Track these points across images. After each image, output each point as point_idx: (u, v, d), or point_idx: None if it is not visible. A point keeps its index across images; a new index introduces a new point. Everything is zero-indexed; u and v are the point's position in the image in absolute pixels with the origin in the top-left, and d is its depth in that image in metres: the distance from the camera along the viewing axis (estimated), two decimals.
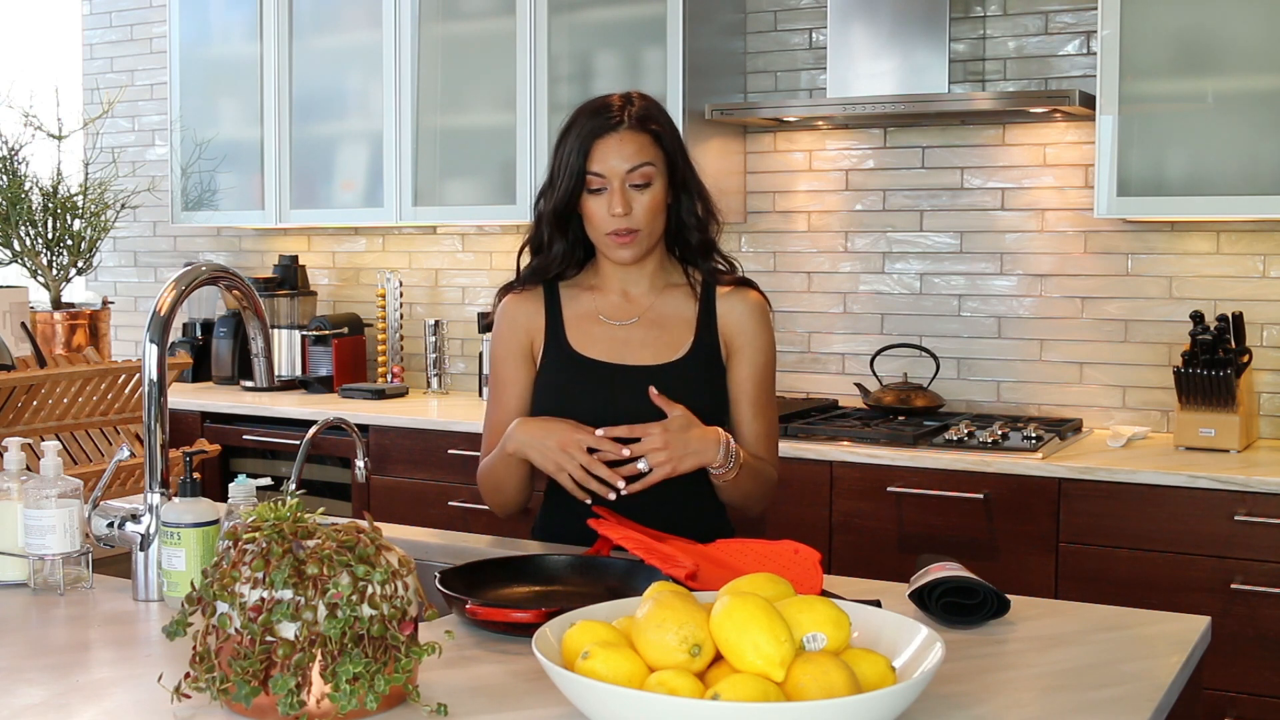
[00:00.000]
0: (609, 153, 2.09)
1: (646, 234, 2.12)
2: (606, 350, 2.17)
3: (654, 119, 2.13)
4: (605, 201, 2.09)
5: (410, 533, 2.32)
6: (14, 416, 2.38)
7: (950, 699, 1.45)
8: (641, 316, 2.19)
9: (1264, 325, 3.48)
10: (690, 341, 2.17)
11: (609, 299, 2.21)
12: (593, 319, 2.20)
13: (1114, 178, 3.31)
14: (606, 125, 2.10)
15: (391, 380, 4.53)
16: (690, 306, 2.19)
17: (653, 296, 2.20)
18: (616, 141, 2.09)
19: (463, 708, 1.43)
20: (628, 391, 2.13)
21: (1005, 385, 3.81)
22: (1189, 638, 1.70)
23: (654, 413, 2.07)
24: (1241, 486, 2.95)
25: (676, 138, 2.16)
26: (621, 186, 2.09)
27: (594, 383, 2.16)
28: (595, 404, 2.14)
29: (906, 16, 3.59)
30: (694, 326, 2.18)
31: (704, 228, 2.19)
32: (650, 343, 2.17)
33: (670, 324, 2.19)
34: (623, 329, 2.19)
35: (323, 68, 4.47)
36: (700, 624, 1.33)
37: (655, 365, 2.15)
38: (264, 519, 1.43)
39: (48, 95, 3.80)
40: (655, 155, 2.11)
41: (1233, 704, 2.98)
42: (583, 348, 2.18)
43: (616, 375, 2.15)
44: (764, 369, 2.20)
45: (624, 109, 2.12)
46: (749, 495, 2.17)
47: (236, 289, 2.03)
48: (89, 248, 3.09)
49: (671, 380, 2.13)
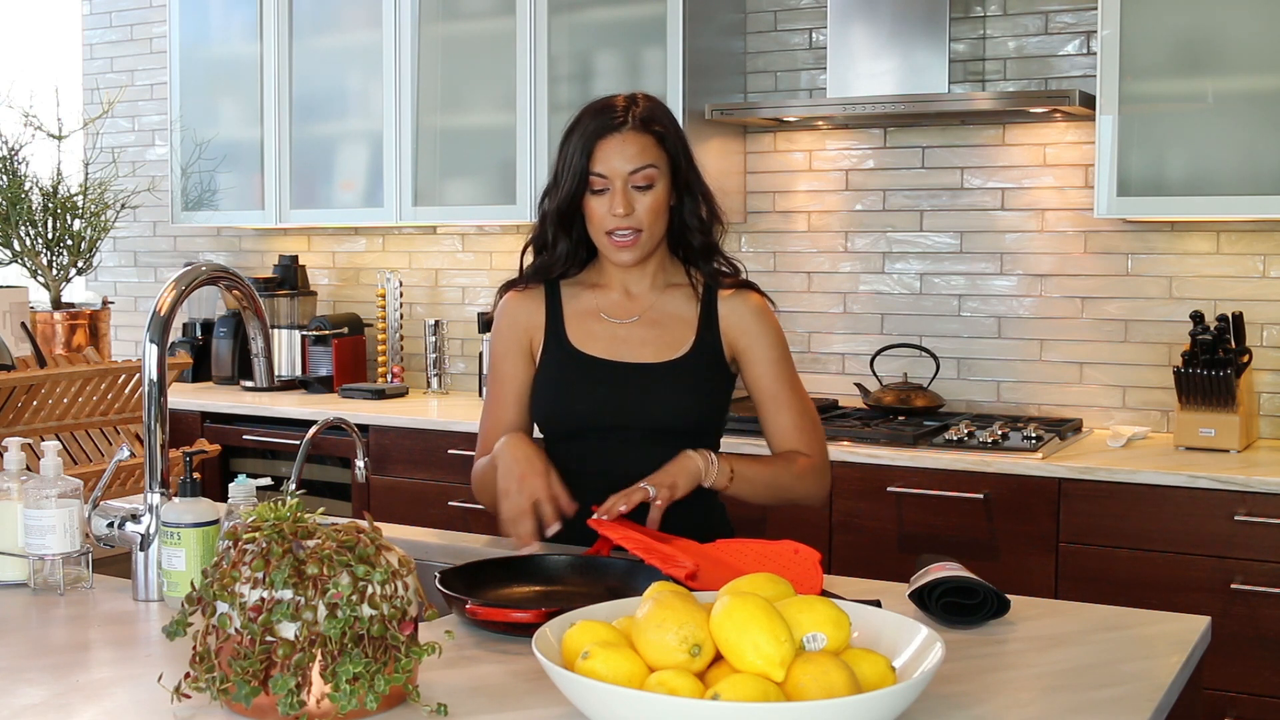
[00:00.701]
0: (611, 153, 2.09)
1: (648, 235, 2.12)
2: (607, 348, 2.18)
3: (658, 120, 2.13)
4: (607, 202, 2.10)
5: (410, 533, 2.32)
6: (14, 416, 2.38)
7: (950, 699, 1.45)
8: (643, 315, 2.19)
9: (1264, 325, 3.48)
10: (691, 341, 2.17)
11: (610, 297, 2.21)
12: (593, 316, 2.20)
13: (1114, 178, 3.31)
14: (609, 125, 2.10)
15: (391, 380, 4.53)
16: (692, 307, 2.19)
17: (654, 296, 2.20)
18: (619, 142, 2.09)
19: (463, 708, 1.43)
20: (627, 388, 2.14)
21: (1005, 385, 3.81)
22: (1189, 638, 1.70)
23: (653, 407, 2.10)
24: (1241, 486, 2.95)
25: (681, 139, 2.16)
26: (624, 187, 2.09)
27: (594, 380, 2.16)
28: (595, 401, 2.15)
29: (906, 16, 3.59)
30: (695, 326, 2.18)
31: (707, 230, 2.19)
32: (651, 341, 2.18)
33: (671, 323, 2.19)
34: (623, 327, 2.19)
35: (323, 68, 4.47)
36: (700, 624, 1.33)
37: (656, 363, 2.16)
38: (264, 519, 1.43)
39: (48, 95, 3.80)
40: (658, 157, 2.11)
41: (1233, 704, 2.98)
42: (583, 345, 2.18)
43: (616, 372, 2.16)
44: (776, 364, 2.19)
45: (628, 109, 2.12)
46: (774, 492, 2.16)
47: (236, 289, 2.03)
48: (89, 248, 3.09)
49: (671, 378, 2.14)
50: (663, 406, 2.14)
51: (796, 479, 2.17)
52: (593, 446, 2.16)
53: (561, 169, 2.14)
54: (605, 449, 2.15)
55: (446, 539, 2.29)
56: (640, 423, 2.14)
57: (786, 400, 2.19)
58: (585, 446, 2.17)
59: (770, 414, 2.19)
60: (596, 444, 2.16)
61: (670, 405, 2.14)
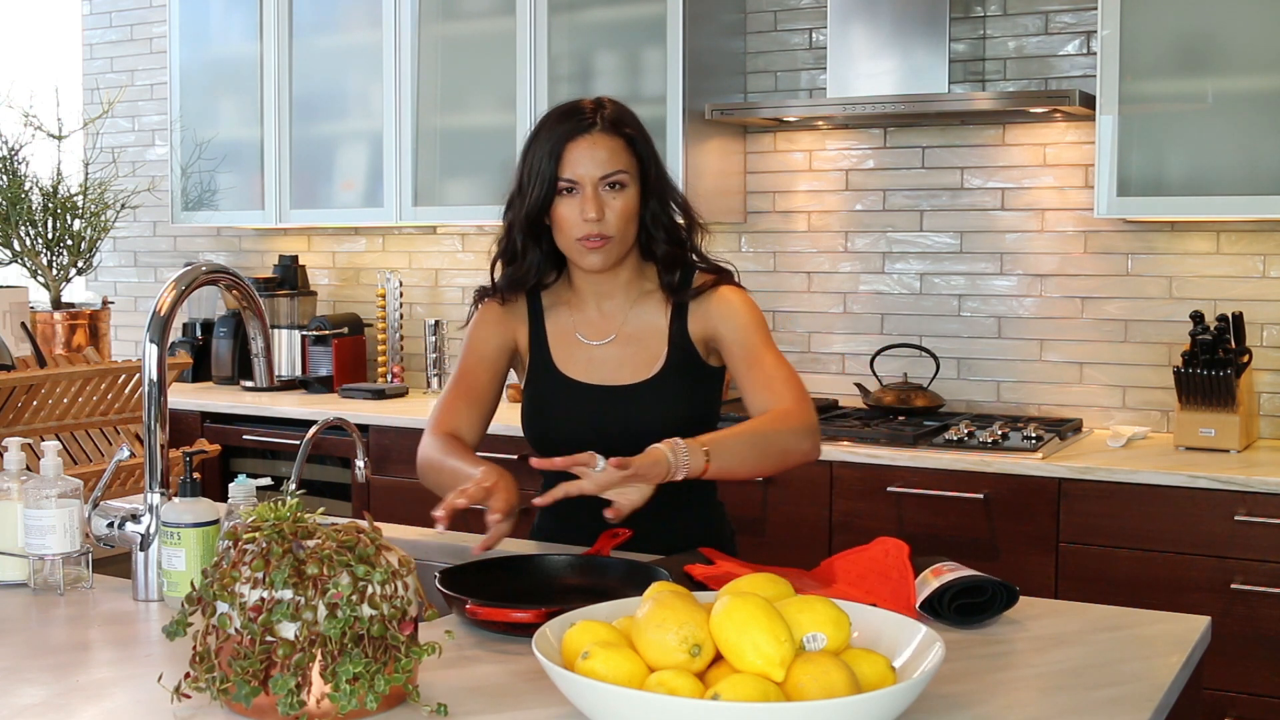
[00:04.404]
0: (581, 157, 2.05)
1: (619, 240, 2.08)
2: (585, 370, 2.15)
3: (626, 123, 2.10)
4: (577, 205, 2.05)
5: (410, 533, 2.32)
6: (14, 416, 2.38)
7: (950, 699, 1.45)
8: (618, 333, 2.16)
9: (1264, 325, 3.48)
10: (665, 353, 2.14)
11: (585, 315, 2.18)
12: (571, 339, 2.18)
13: (1114, 178, 3.31)
14: (579, 128, 2.06)
15: (391, 380, 4.53)
16: (663, 316, 2.16)
17: (627, 309, 2.17)
18: (589, 145, 2.05)
19: (463, 708, 1.42)
20: (609, 411, 2.12)
21: (1005, 385, 3.81)
22: (1189, 638, 1.70)
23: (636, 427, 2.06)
24: (1241, 486, 2.95)
25: (649, 143, 2.13)
26: (594, 191, 2.05)
27: (578, 403, 2.15)
28: (580, 424, 2.13)
29: (906, 16, 3.59)
30: (668, 336, 2.15)
31: (673, 237, 2.14)
32: (626, 361, 2.15)
33: (645, 338, 2.15)
34: (600, 349, 2.16)
35: (323, 68, 4.47)
36: (700, 624, 1.33)
37: (633, 384, 2.13)
38: (264, 519, 1.43)
39: (48, 95, 3.81)
40: (628, 161, 2.07)
41: (1233, 704, 2.98)
42: (565, 368, 2.17)
43: (598, 396, 2.14)
44: (745, 331, 2.11)
45: (596, 112, 2.08)
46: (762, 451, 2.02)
47: (236, 289, 2.03)
48: (89, 248, 3.09)
49: (649, 397, 2.12)
50: (646, 426, 2.08)
51: (780, 425, 2.03)
52: None
53: (526, 176, 2.09)
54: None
55: (446, 539, 2.28)
56: (626, 444, 2.09)
57: (757, 359, 2.10)
58: None
59: (742, 373, 2.10)
60: None
61: (653, 423, 2.08)
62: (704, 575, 1.82)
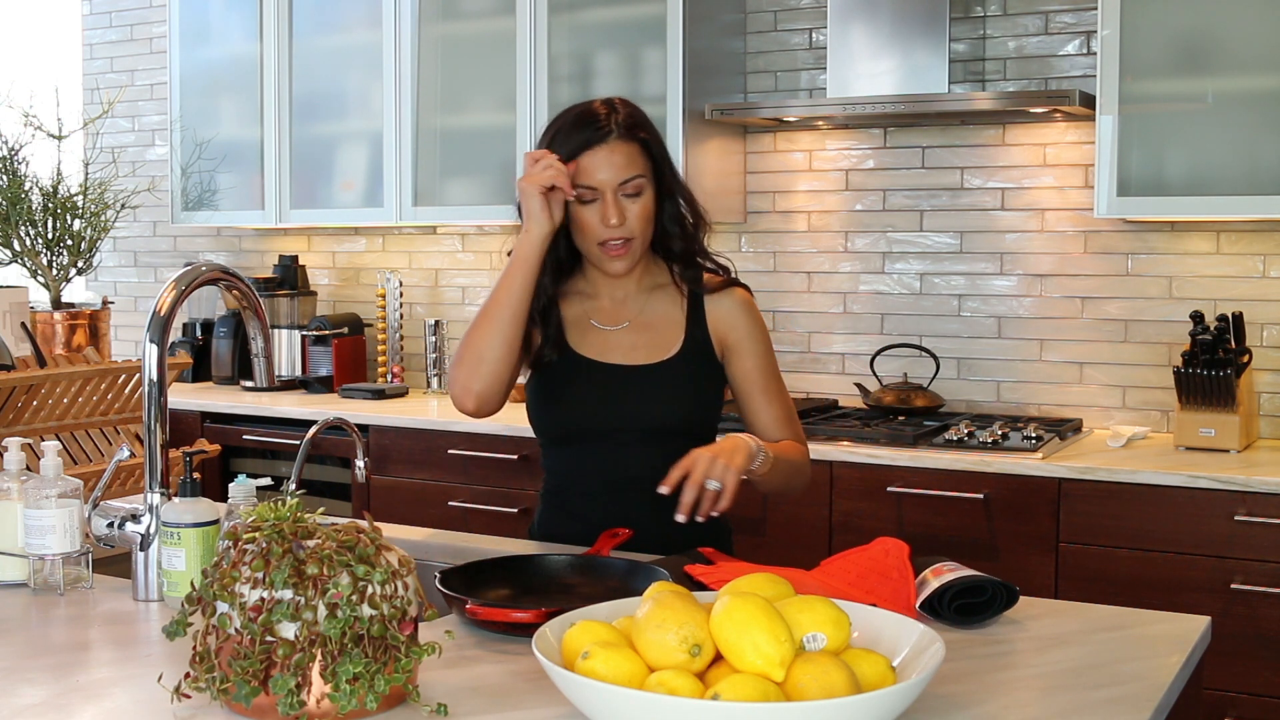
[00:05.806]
0: (600, 165, 2.07)
1: (640, 243, 2.12)
2: (600, 352, 2.18)
3: (641, 126, 2.11)
4: (598, 212, 2.08)
5: (410, 533, 2.32)
6: (14, 416, 2.38)
7: (950, 699, 1.45)
8: (632, 321, 2.20)
9: (1264, 325, 3.48)
10: (681, 340, 2.18)
11: (599, 304, 2.21)
12: (585, 324, 2.20)
13: (1114, 178, 3.31)
14: (595, 138, 2.07)
15: (391, 380, 4.53)
16: (678, 307, 2.20)
17: (641, 300, 2.21)
18: (607, 153, 2.07)
19: (463, 708, 1.42)
20: (625, 390, 2.15)
21: (1005, 385, 3.81)
22: (1189, 638, 1.70)
23: (648, 408, 2.11)
24: (1241, 486, 2.95)
25: (661, 144, 2.15)
26: (614, 197, 2.07)
27: (588, 383, 2.16)
28: (590, 404, 2.15)
29: (906, 16, 3.59)
30: (684, 325, 2.19)
31: (687, 233, 2.18)
32: (641, 345, 2.18)
33: (660, 325, 2.19)
34: (615, 334, 2.19)
35: (323, 68, 4.47)
36: (700, 624, 1.33)
37: (649, 364, 2.16)
38: (264, 519, 1.43)
39: (48, 95, 3.81)
40: (644, 165, 2.10)
41: (1233, 704, 2.98)
42: (580, 348, 2.19)
43: (613, 374, 2.16)
44: (764, 357, 2.21)
45: (610, 117, 2.09)
46: (789, 479, 2.16)
47: (236, 289, 2.03)
48: (89, 248, 3.09)
49: (665, 378, 2.15)
50: (658, 407, 2.14)
51: (805, 464, 2.22)
52: (589, 450, 2.16)
53: None
54: (602, 452, 2.15)
55: (446, 539, 2.29)
56: (636, 424, 2.14)
57: (775, 393, 2.22)
58: (582, 450, 2.17)
59: (761, 405, 2.20)
60: (593, 447, 2.16)
61: (665, 405, 2.14)
62: (704, 575, 1.82)
